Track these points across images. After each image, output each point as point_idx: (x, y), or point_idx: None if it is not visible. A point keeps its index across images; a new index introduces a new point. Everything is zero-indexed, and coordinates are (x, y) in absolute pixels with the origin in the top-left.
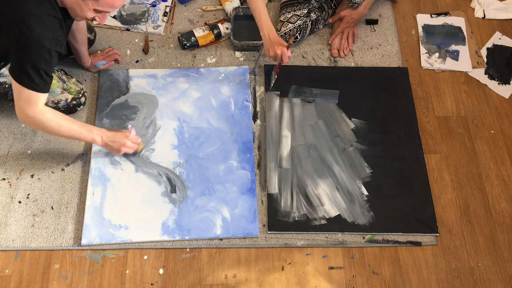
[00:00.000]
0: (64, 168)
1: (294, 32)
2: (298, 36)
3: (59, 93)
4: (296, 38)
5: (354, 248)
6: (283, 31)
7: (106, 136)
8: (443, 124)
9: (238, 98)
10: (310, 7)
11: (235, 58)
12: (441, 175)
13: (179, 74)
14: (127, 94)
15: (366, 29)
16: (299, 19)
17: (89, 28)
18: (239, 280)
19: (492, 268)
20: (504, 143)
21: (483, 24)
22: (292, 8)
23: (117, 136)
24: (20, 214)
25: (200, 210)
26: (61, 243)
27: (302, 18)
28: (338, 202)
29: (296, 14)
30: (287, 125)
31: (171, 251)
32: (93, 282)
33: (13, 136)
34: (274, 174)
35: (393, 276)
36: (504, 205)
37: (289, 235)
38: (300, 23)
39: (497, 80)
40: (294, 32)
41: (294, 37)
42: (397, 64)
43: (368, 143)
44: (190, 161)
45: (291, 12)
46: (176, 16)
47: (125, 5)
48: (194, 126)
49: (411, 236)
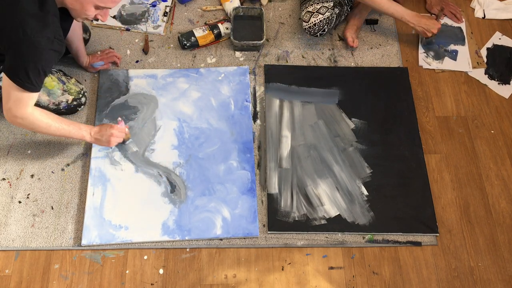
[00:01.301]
0: (64, 168)
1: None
2: (326, 28)
3: (59, 94)
4: (323, 31)
5: (354, 248)
6: (313, 22)
7: (94, 131)
8: (443, 124)
9: (238, 98)
10: (335, 1)
11: (235, 58)
12: (441, 175)
13: (179, 74)
14: (127, 95)
15: (366, 29)
16: (327, 11)
17: (84, 28)
18: (239, 280)
19: (492, 268)
20: (504, 143)
21: (483, 24)
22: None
23: (103, 129)
24: (20, 214)
25: (200, 210)
26: (61, 243)
27: (330, 10)
28: (338, 202)
29: (325, 6)
30: (287, 125)
31: (171, 251)
32: (93, 282)
33: (13, 136)
34: (274, 174)
35: (393, 276)
36: (504, 205)
37: (289, 235)
38: (328, 14)
39: (497, 80)
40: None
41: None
42: (397, 64)
43: (368, 143)
44: (190, 161)
45: (319, 4)
46: (176, 16)
47: (125, 5)
48: (194, 126)
49: (411, 236)
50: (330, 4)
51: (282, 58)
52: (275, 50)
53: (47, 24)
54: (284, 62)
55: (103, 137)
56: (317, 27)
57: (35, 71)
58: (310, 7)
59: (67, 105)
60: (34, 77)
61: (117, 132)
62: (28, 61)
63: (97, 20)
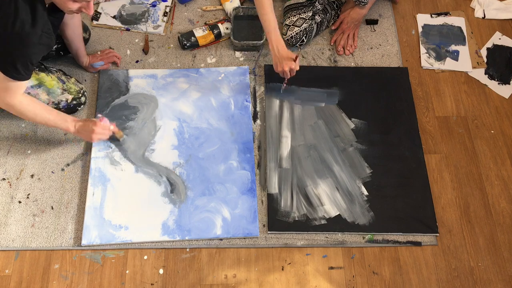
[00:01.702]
0: (64, 168)
1: (301, 36)
2: (304, 39)
3: (59, 93)
4: (302, 41)
5: (354, 248)
6: (289, 35)
7: (78, 125)
8: (443, 124)
9: (238, 98)
10: (315, 9)
11: (235, 58)
12: (441, 175)
13: (179, 74)
14: (127, 95)
15: (366, 29)
16: (305, 22)
17: (84, 28)
18: (239, 280)
19: (492, 268)
20: (504, 143)
21: (483, 24)
22: (297, 11)
23: (86, 125)
24: (20, 214)
25: (200, 210)
26: (61, 243)
27: (308, 21)
28: (338, 202)
29: (302, 17)
30: (287, 125)
31: (171, 251)
32: (93, 282)
33: (13, 136)
34: (274, 174)
35: (393, 276)
36: (504, 205)
37: (289, 235)
38: (305, 26)
39: (497, 80)
40: (301, 36)
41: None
42: (397, 64)
43: (368, 143)
44: (190, 161)
45: (296, 16)
46: (176, 16)
47: (125, 5)
48: (194, 126)
49: (411, 236)
50: (308, 15)
51: None
52: None
53: (35, 18)
54: None
55: (85, 131)
56: (294, 39)
57: (23, 63)
58: (287, 19)
59: (67, 104)
60: (22, 68)
61: (99, 129)
62: (16, 55)
63: (97, 20)
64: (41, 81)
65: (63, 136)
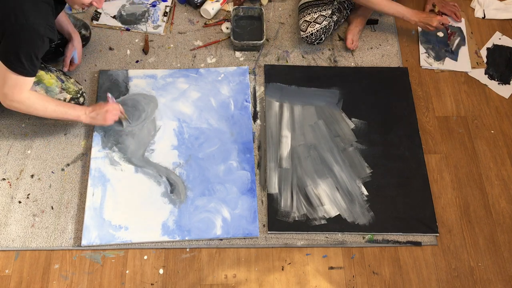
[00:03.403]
0: (64, 168)
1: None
2: (323, 37)
3: (57, 92)
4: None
5: (354, 248)
6: (310, 31)
7: (89, 110)
8: (443, 124)
9: (238, 98)
10: (333, 8)
11: (235, 58)
12: (441, 175)
13: (178, 74)
14: (126, 95)
15: (366, 29)
16: (325, 20)
17: (85, 26)
18: (239, 280)
19: (492, 268)
20: (504, 143)
21: (483, 24)
22: (318, 8)
23: (98, 107)
24: (20, 214)
25: (200, 210)
26: (61, 243)
27: (328, 18)
28: (338, 202)
29: (322, 15)
30: (287, 125)
31: (171, 251)
32: (93, 282)
33: (13, 136)
34: (274, 174)
35: (393, 276)
36: (504, 205)
37: (289, 235)
38: (326, 23)
39: (497, 80)
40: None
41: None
42: (397, 64)
43: (368, 143)
44: (190, 161)
45: (317, 13)
46: (176, 16)
47: (125, 5)
48: (194, 127)
49: (411, 236)
50: (328, 12)
51: (282, 58)
52: (275, 50)
53: (42, 11)
54: (284, 62)
55: (99, 115)
56: (314, 37)
57: (27, 56)
58: (307, 16)
59: None
60: (26, 62)
61: (111, 108)
62: (21, 47)
63: (97, 20)
64: (40, 78)
65: (63, 136)
